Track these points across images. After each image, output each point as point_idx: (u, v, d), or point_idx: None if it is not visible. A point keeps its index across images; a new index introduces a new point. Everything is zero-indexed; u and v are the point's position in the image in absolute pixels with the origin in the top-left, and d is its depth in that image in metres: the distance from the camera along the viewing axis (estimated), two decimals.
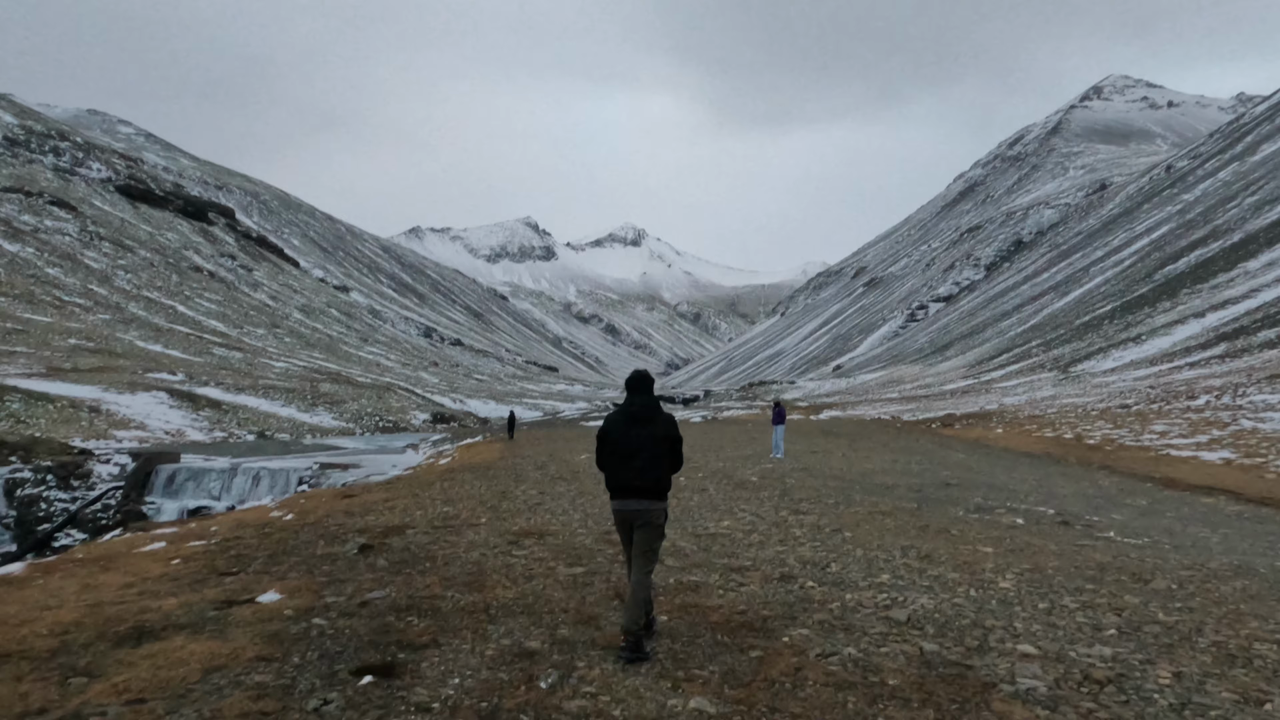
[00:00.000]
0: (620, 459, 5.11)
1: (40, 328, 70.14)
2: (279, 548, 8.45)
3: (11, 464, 22.69)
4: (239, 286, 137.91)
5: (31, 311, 78.45)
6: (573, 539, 8.82)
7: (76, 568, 7.73)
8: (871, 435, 29.35)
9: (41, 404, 37.89)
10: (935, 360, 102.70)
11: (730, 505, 11.25)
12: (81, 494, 22.15)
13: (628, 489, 5.09)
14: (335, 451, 33.18)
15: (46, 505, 21.77)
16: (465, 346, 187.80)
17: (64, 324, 76.04)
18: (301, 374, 75.35)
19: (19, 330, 66.34)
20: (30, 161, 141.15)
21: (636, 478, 5.05)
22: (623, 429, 5.16)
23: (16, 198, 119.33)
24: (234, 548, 8.54)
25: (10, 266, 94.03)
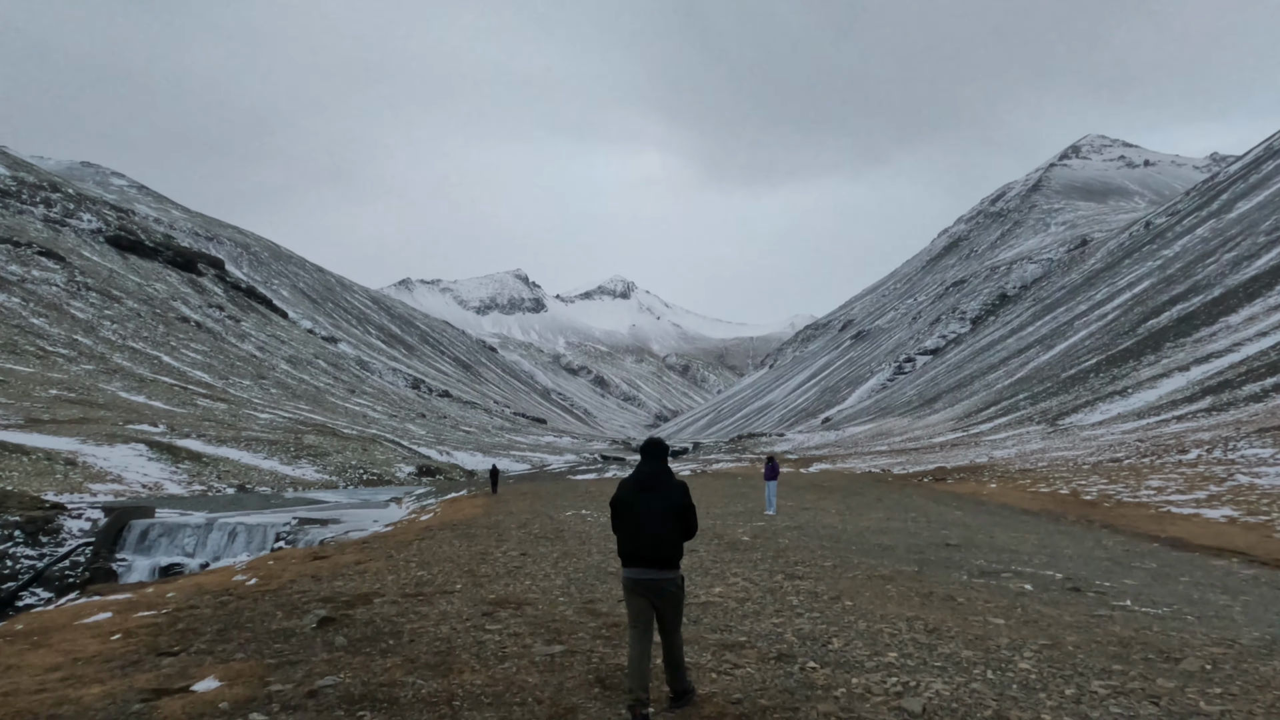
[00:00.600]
0: (632, 527, 5.09)
1: (21, 378, 69.07)
2: (233, 620, 7.90)
3: None
4: (226, 337, 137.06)
5: (14, 362, 77.39)
6: (553, 609, 8.32)
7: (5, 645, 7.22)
8: (864, 490, 28.74)
9: (15, 456, 36.89)
10: (924, 413, 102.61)
11: (722, 569, 10.78)
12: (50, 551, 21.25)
13: (638, 557, 5.04)
14: (316, 506, 32.33)
15: (12, 563, 20.81)
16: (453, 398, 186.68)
17: (46, 374, 74.98)
18: (286, 425, 74.32)
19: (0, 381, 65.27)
20: (20, 212, 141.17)
21: (647, 546, 5.00)
22: (634, 497, 5.14)
23: (5, 248, 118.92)
24: (184, 619, 8.00)
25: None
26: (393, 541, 14.59)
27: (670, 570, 5.02)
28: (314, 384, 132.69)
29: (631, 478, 5.25)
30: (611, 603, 8.53)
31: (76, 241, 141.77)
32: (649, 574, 4.99)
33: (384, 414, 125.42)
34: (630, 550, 5.06)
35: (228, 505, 31.80)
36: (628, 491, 5.18)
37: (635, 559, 5.03)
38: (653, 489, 5.11)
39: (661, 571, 4.99)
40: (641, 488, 5.14)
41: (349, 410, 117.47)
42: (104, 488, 35.81)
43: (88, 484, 35.78)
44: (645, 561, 5.00)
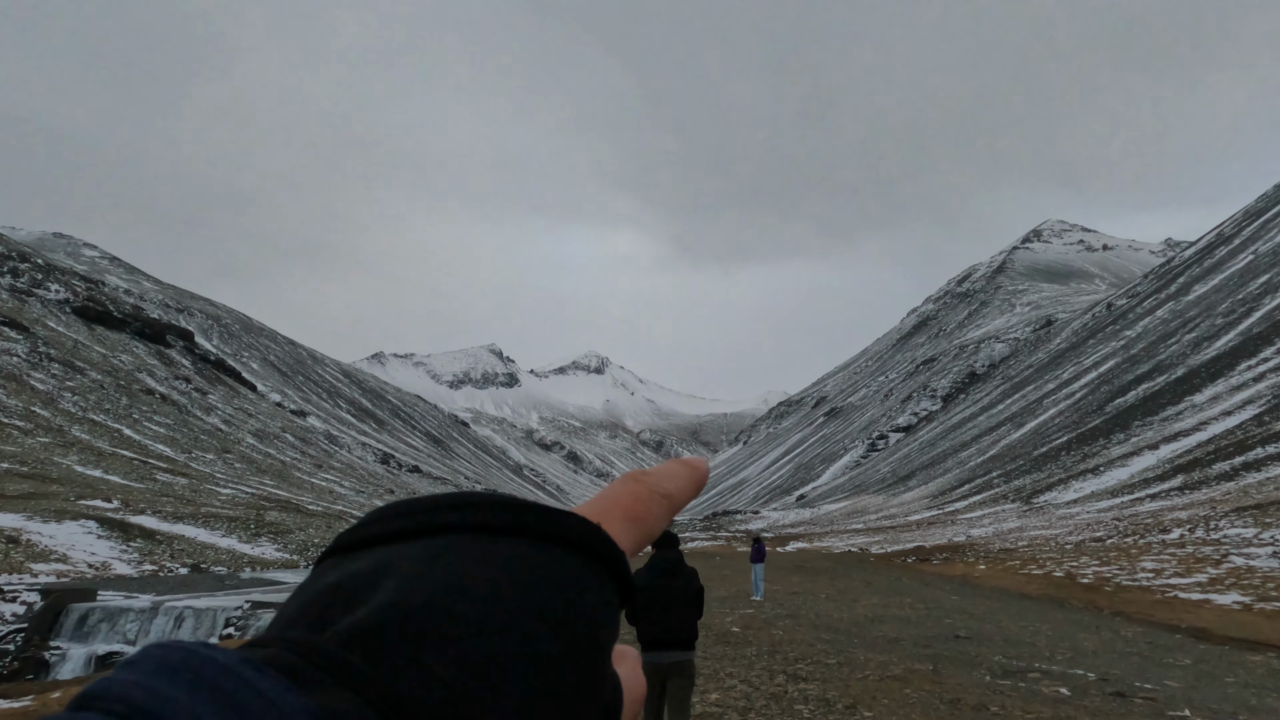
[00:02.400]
0: (656, 612, 5.36)
1: None
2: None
3: None
4: (192, 410, 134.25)
5: None
6: None
7: None
8: (849, 572, 28.05)
9: None
10: (898, 490, 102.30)
11: (714, 668, 9.70)
12: None
13: (664, 641, 5.36)
14: (273, 587, 30.87)
15: None
16: (424, 473, 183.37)
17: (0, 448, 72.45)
18: (248, 501, 72.08)
19: None
20: None
21: (673, 630, 5.37)
22: (659, 583, 5.40)
23: None
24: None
25: None
26: None
27: (692, 650, 5.48)
28: (280, 458, 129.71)
29: (651, 566, 5.52)
30: None
31: (42, 311, 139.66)
32: (675, 655, 5.39)
33: (351, 489, 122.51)
34: (658, 635, 5.38)
35: (179, 587, 30.24)
36: (652, 579, 5.43)
37: (662, 643, 5.38)
38: (676, 574, 5.48)
39: (686, 652, 5.44)
40: (665, 574, 5.45)
41: (315, 485, 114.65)
42: (46, 568, 33.93)
43: (29, 564, 33.88)
44: (674, 644, 5.39)
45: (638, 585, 4.85)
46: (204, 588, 29.89)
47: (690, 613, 5.45)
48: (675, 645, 5.39)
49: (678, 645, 5.40)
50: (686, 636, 5.43)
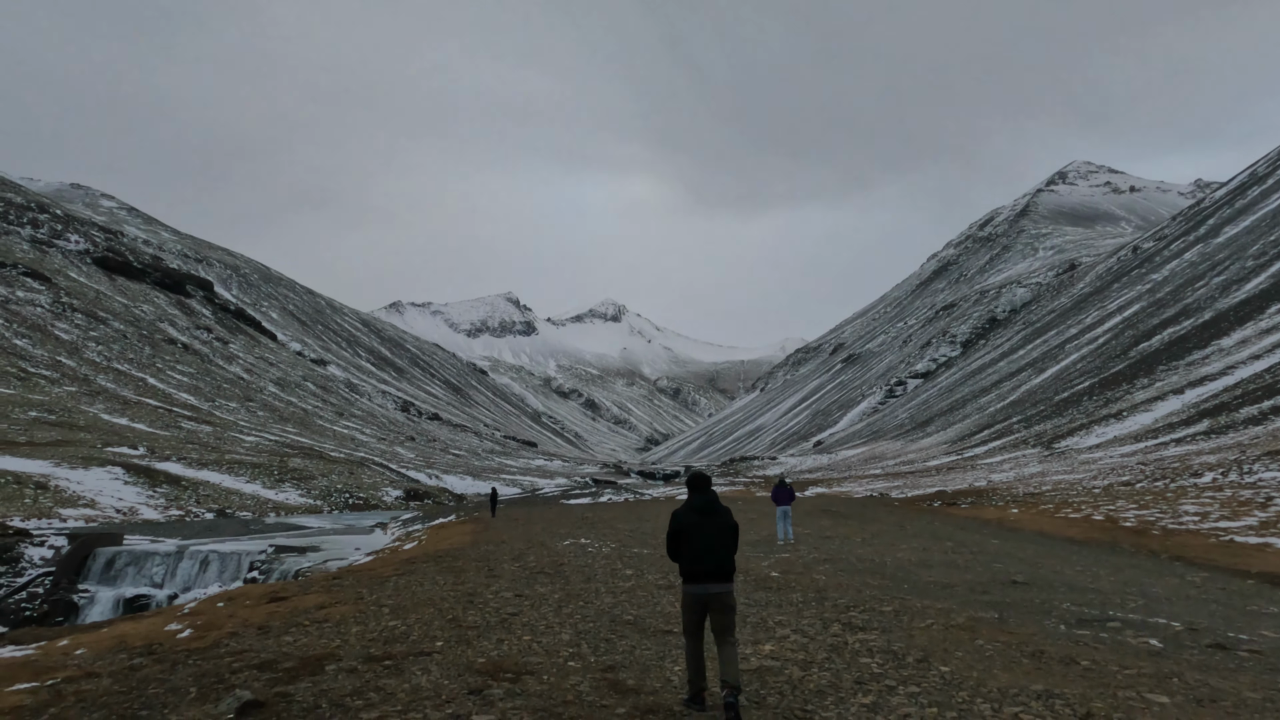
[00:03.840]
0: (698, 549, 5.88)
1: (1, 400, 67.89)
2: (123, 705, 5.93)
3: None
4: (214, 359, 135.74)
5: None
6: (562, 681, 6.50)
7: None
8: (877, 516, 27.19)
9: None
10: (916, 436, 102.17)
11: (761, 617, 9.10)
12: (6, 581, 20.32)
13: (707, 575, 5.87)
14: (297, 532, 31.43)
15: None
16: (443, 421, 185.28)
17: (26, 396, 73.76)
18: (272, 448, 73.23)
19: None
20: (6, 233, 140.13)
21: (715, 564, 5.88)
22: (698, 521, 5.95)
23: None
24: (64, 701, 6.07)
25: None
26: (367, 577, 12.91)
27: (730, 582, 5.97)
28: (302, 406, 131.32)
29: (691, 506, 6.06)
30: (639, 671, 6.74)
31: (63, 262, 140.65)
32: (716, 588, 5.88)
33: (372, 437, 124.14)
34: (700, 569, 5.88)
35: (204, 531, 30.85)
36: (691, 518, 5.98)
37: (704, 576, 5.87)
38: (713, 513, 6.00)
39: (726, 584, 5.93)
40: (702, 513, 5.99)
41: (337, 433, 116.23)
42: (75, 513, 34.76)
43: (58, 509, 34.71)
44: (714, 577, 5.88)
45: (679, 523, 6.05)
46: (229, 532, 30.50)
47: (727, 548, 5.95)
48: (715, 578, 5.87)
49: (717, 578, 5.88)
50: (725, 570, 5.91)
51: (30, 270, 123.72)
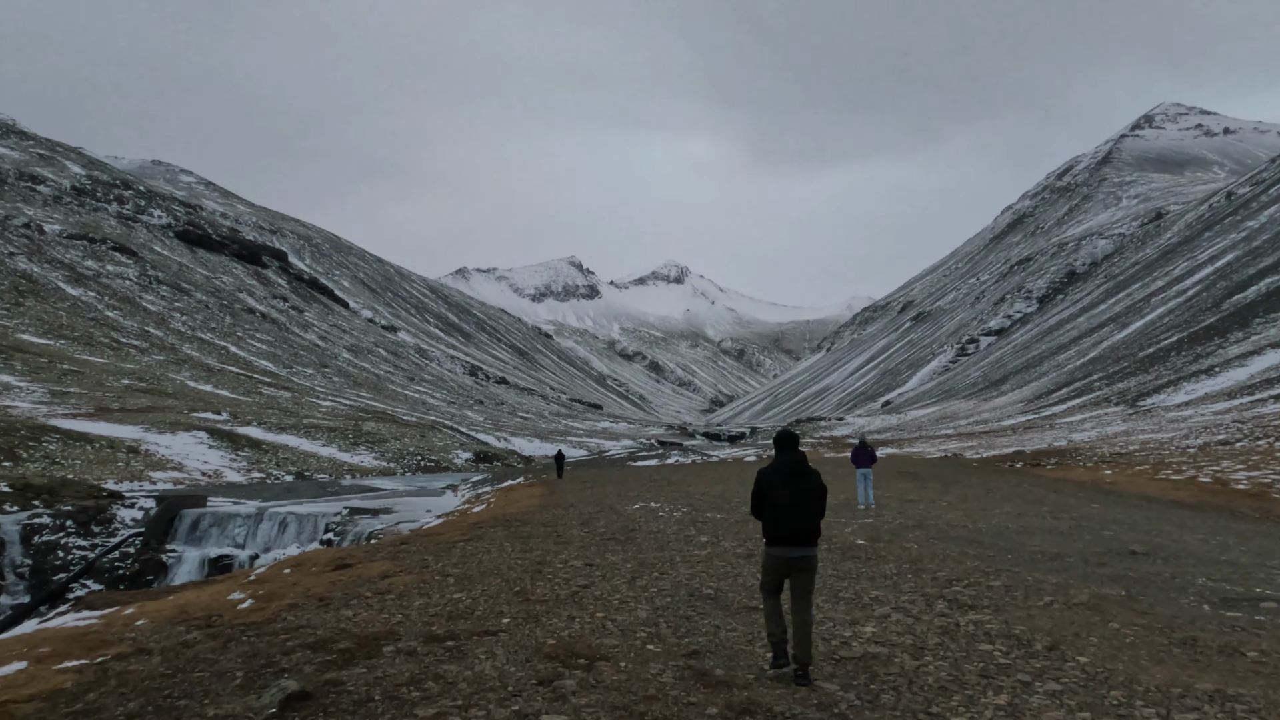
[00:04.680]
0: (784, 510, 5.73)
1: (96, 369, 71.41)
2: (169, 690, 5.52)
3: (33, 508, 22.04)
4: (290, 327, 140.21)
5: (89, 353, 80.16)
6: (642, 669, 5.78)
7: None
8: (958, 478, 25.63)
9: (79, 445, 37.80)
10: (990, 395, 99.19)
11: (855, 591, 8.25)
12: (101, 541, 21.37)
13: (794, 538, 5.72)
14: (371, 494, 32.26)
15: (64, 553, 20.95)
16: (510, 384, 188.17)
17: (119, 365, 77.46)
18: (347, 413, 75.38)
19: (74, 371, 67.55)
20: (95, 210, 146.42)
21: (802, 526, 5.72)
22: (783, 482, 5.79)
23: (81, 244, 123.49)
24: (106, 684, 5.74)
25: (72, 310, 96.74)
26: (434, 543, 12.51)
27: (815, 546, 5.82)
28: (374, 372, 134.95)
29: (776, 467, 5.89)
30: (727, 658, 6.07)
31: (148, 237, 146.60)
32: (801, 550, 5.73)
33: (442, 401, 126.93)
34: (786, 532, 5.72)
35: (283, 493, 31.90)
36: (778, 479, 5.82)
37: (790, 539, 5.71)
38: (801, 474, 5.83)
39: (812, 548, 5.77)
40: (790, 474, 5.82)
41: (408, 397, 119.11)
42: (164, 475, 36.41)
43: (148, 471, 36.43)
44: (800, 540, 5.72)
45: (764, 484, 5.89)
46: (306, 494, 31.46)
47: (814, 511, 5.80)
48: (800, 541, 5.73)
49: (802, 541, 5.73)
50: (810, 533, 5.76)
51: (118, 245, 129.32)
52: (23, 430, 38.37)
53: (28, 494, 22.75)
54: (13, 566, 21.30)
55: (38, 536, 21.16)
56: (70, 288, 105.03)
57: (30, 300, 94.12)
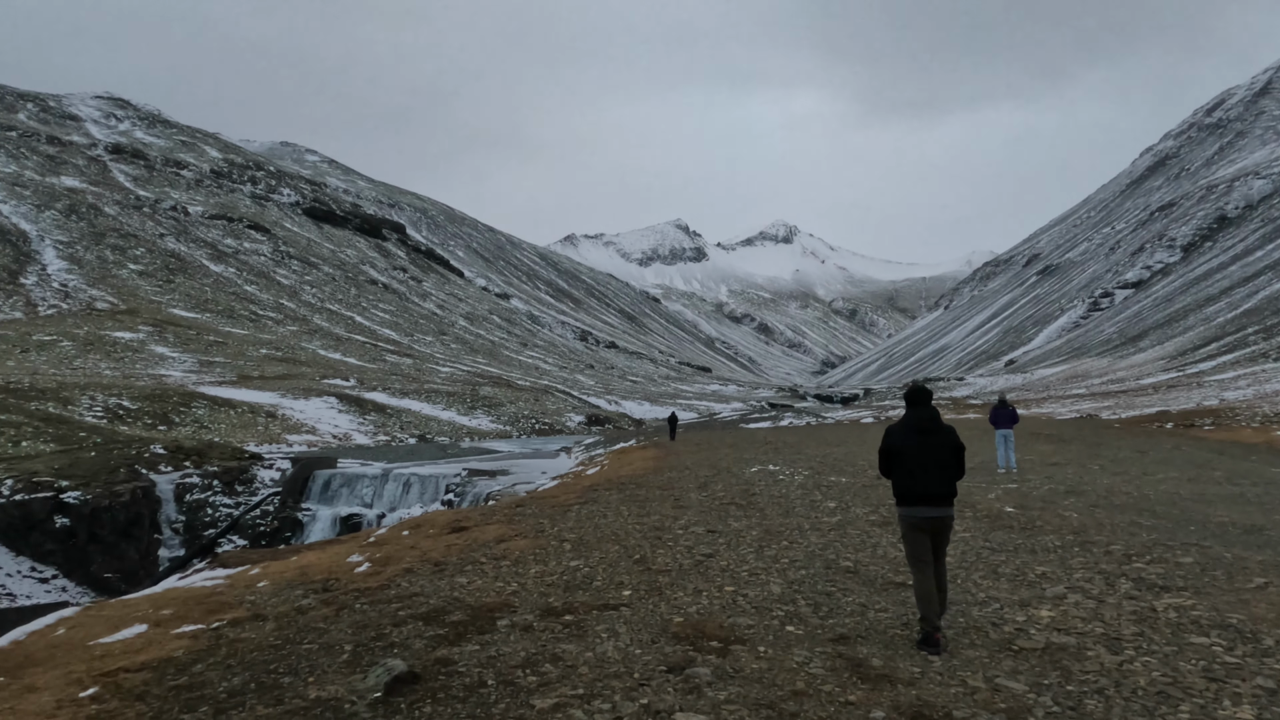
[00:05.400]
0: (916, 469, 5.41)
1: (237, 339, 76.48)
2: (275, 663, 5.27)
3: (184, 469, 23.73)
4: (410, 297, 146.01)
5: (231, 325, 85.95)
6: (784, 657, 5.07)
7: None
8: (1103, 439, 23.59)
9: (224, 410, 40.56)
10: (1127, 352, 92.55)
11: (1016, 567, 7.23)
12: (244, 499, 22.79)
13: (928, 497, 5.38)
14: (488, 456, 33.08)
15: (212, 510, 22.51)
16: (619, 349, 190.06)
17: (257, 335, 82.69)
18: (464, 378, 77.88)
19: (219, 342, 72.53)
20: (232, 190, 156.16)
21: (936, 485, 5.38)
22: (915, 440, 5.46)
23: (221, 223, 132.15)
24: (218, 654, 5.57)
25: (215, 285, 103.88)
26: (549, 505, 12.27)
27: (951, 506, 5.48)
28: (489, 338, 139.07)
29: (907, 423, 5.57)
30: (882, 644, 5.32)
31: (279, 214, 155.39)
32: (938, 511, 5.40)
33: (554, 365, 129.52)
34: (920, 490, 5.38)
35: (407, 455, 33.17)
36: (908, 436, 5.49)
37: (924, 498, 5.38)
38: (934, 431, 5.47)
39: (948, 508, 5.44)
40: (922, 431, 5.48)
41: (522, 363, 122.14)
42: (299, 438, 38.62)
43: (285, 435, 38.73)
44: (935, 500, 5.39)
45: (894, 442, 5.52)
46: (428, 456, 32.60)
47: (950, 470, 5.43)
48: (933, 501, 5.40)
49: (935, 501, 5.40)
50: (948, 492, 5.43)
51: (253, 223, 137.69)
52: (175, 397, 41.46)
53: (179, 456, 24.52)
54: (169, 522, 23.04)
55: (189, 495, 22.84)
56: (213, 264, 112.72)
57: (179, 277, 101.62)
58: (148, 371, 53.28)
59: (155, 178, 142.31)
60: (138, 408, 37.67)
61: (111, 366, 54.40)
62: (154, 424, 36.03)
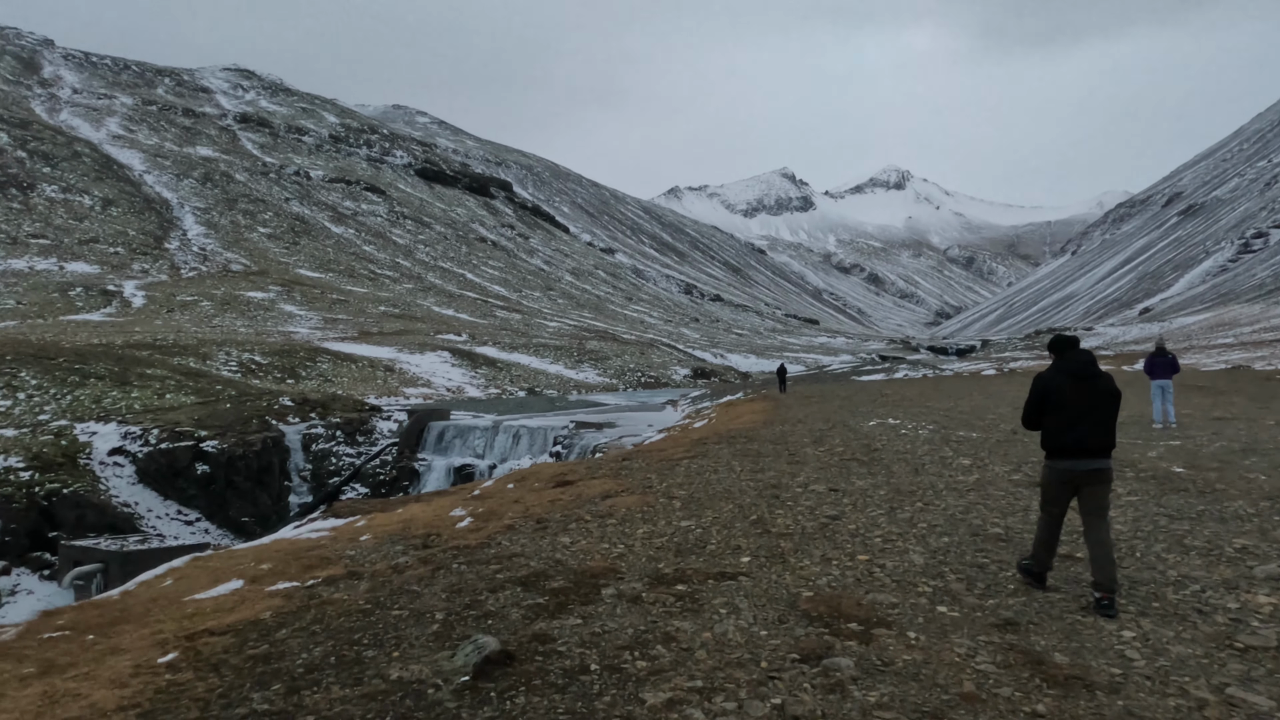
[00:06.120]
0: (1071, 418, 4.95)
1: (358, 297, 79.90)
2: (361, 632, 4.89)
3: (310, 420, 24.84)
4: (517, 254, 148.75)
5: (352, 284, 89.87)
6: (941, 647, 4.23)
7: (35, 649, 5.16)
8: (1268, 391, 20.92)
9: (346, 364, 42.43)
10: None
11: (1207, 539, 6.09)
12: (365, 449, 23.68)
13: (1082, 449, 4.92)
14: (595, 409, 33.21)
15: (335, 460, 23.53)
16: (724, 301, 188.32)
17: (376, 293, 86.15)
18: (571, 333, 78.83)
19: (342, 300, 75.96)
20: (349, 154, 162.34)
21: (1092, 436, 4.92)
22: (1070, 386, 5.00)
23: (340, 186, 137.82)
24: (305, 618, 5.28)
25: (337, 246, 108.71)
26: (657, 459, 11.69)
27: (1110, 458, 5.02)
28: (595, 293, 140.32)
29: (1060, 368, 5.10)
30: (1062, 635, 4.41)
31: (393, 176, 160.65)
32: (1095, 463, 4.93)
33: (659, 319, 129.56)
34: (1073, 441, 4.92)
35: (516, 408, 33.72)
36: (1064, 381, 5.01)
37: (1079, 450, 4.92)
38: (1093, 376, 5.00)
39: (1106, 460, 4.97)
40: (1079, 377, 5.00)
41: (627, 316, 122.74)
42: (415, 391, 40.00)
43: (402, 388, 40.21)
44: (1093, 451, 4.91)
45: (1048, 387, 4.98)
46: (537, 409, 33.03)
47: (1109, 417, 4.94)
48: (1091, 452, 4.91)
49: (1094, 452, 4.91)
50: (1106, 443, 4.92)
51: (370, 185, 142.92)
52: (301, 352, 43.62)
53: (305, 408, 25.71)
54: (297, 470, 24.23)
55: (314, 445, 23.97)
56: (334, 226, 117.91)
57: (304, 239, 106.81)
58: (277, 329, 56.32)
59: (279, 144, 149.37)
60: (268, 362, 39.81)
61: (245, 324, 57.80)
62: (283, 378, 38.00)
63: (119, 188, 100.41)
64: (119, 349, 34.89)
